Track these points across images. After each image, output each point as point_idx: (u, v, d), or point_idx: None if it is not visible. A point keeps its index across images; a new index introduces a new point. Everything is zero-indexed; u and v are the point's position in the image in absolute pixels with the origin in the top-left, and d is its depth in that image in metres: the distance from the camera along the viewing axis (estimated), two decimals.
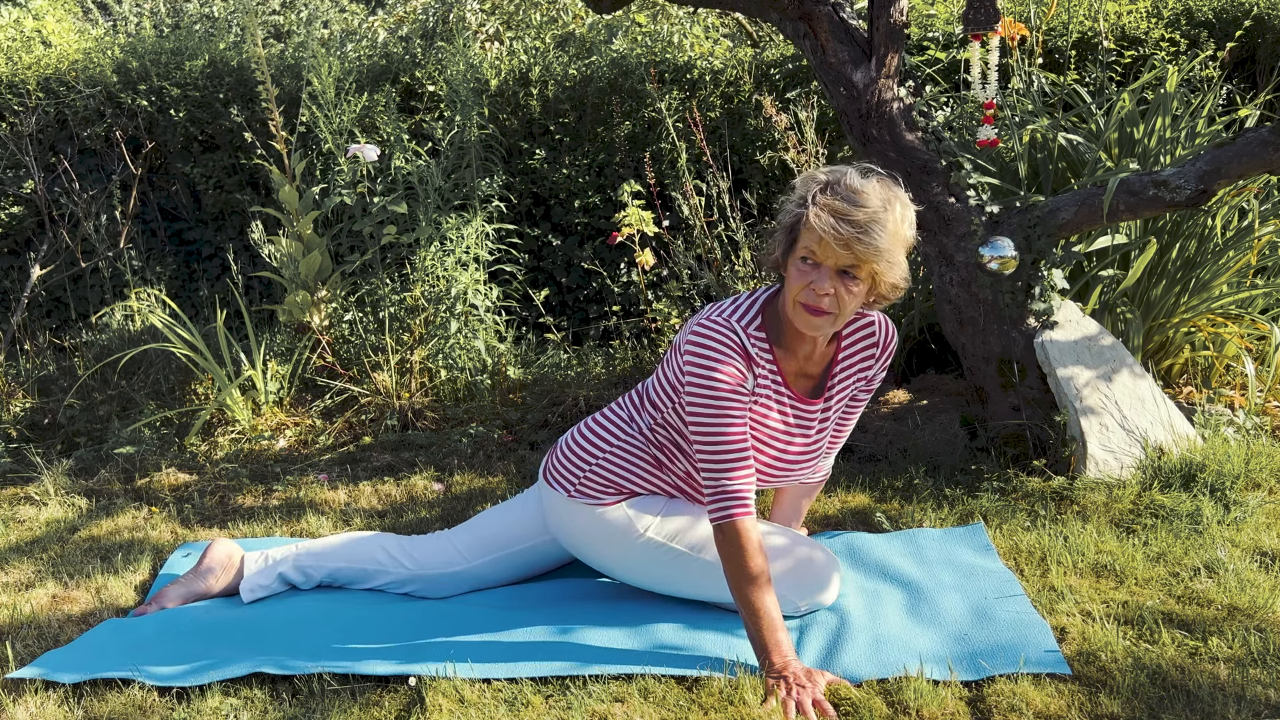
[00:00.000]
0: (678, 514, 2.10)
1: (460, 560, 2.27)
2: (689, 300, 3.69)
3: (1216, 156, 2.58)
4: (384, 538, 2.36)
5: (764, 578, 1.86)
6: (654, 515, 2.09)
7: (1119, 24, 3.86)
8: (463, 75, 3.77)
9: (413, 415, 3.50)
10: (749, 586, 1.86)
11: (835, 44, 2.83)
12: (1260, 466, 2.64)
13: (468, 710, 1.81)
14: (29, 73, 4.28)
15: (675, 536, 2.08)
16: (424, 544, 2.32)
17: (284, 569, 2.31)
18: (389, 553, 2.30)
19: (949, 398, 3.33)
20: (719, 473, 1.90)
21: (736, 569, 1.87)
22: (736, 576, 1.87)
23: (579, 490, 2.12)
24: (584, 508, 2.11)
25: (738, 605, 1.89)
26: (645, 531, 2.08)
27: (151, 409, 3.58)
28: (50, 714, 1.87)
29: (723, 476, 1.90)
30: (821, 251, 1.85)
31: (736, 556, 1.87)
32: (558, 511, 2.17)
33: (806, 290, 1.88)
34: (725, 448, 1.90)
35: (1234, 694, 1.76)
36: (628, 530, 2.08)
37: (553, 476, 2.17)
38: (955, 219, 2.83)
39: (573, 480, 2.13)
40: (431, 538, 2.34)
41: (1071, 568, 2.25)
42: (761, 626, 1.85)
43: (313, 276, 3.70)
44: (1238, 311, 3.18)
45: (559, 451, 2.20)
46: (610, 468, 2.11)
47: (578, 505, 2.12)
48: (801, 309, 1.90)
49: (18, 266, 4.34)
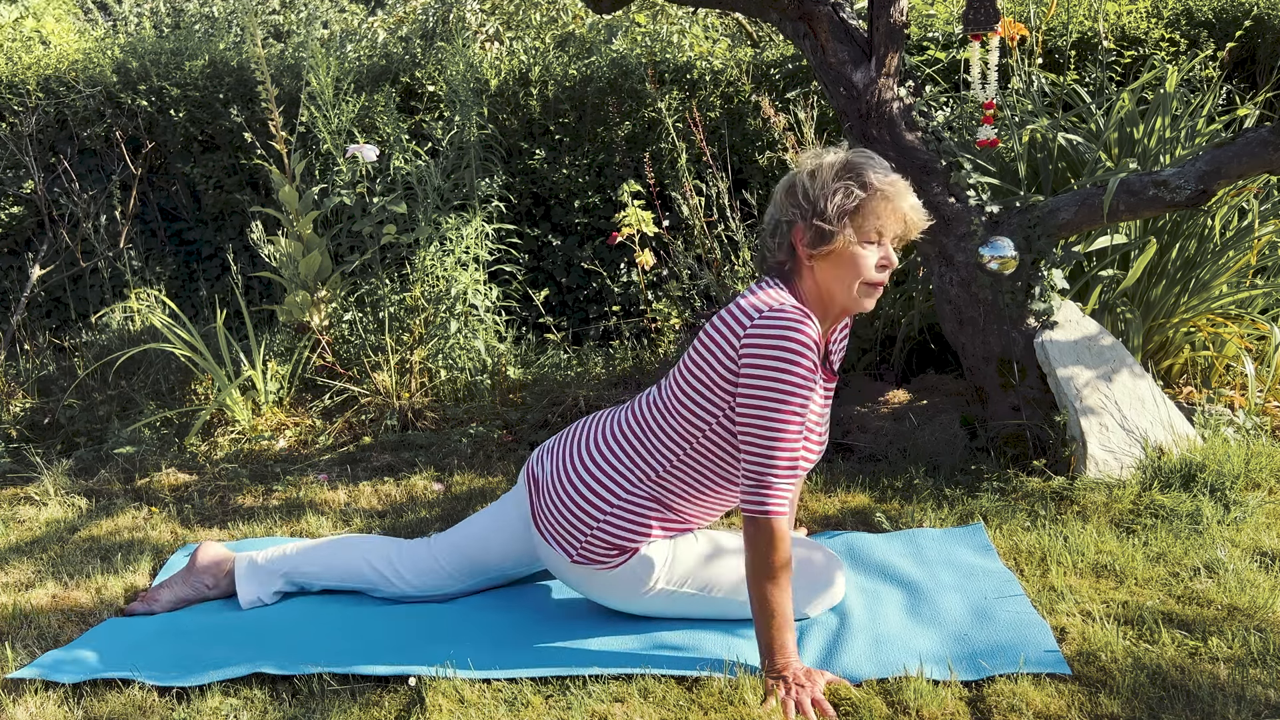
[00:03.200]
0: (685, 555, 2.04)
1: (452, 583, 2.24)
2: (689, 300, 3.69)
3: (1216, 156, 2.58)
4: (371, 550, 2.28)
5: (786, 578, 1.85)
6: (661, 565, 2.02)
7: (1119, 24, 3.86)
8: (462, 75, 3.77)
9: (413, 415, 3.50)
10: (770, 584, 1.84)
11: (835, 44, 2.83)
12: (1260, 466, 2.64)
13: (468, 710, 1.81)
14: (29, 73, 4.28)
15: (685, 581, 2.04)
16: (412, 562, 2.25)
17: (278, 586, 2.29)
18: (378, 571, 2.25)
19: (949, 398, 3.33)
20: (769, 468, 1.85)
21: (763, 565, 1.84)
22: (760, 573, 1.84)
23: (581, 556, 2.02)
24: (588, 570, 2.04)
25: (753, 601, 1.86)
26: (655, 584, 2.03)
27: (151, 409, 3.58)
28: (50, 714, 1.87)
29: (770, 473, 1.84)
30: (892, 227, 1.91)
31: (765, 553, 1.83)
32: (559, 568, 2.09)
33: (879, 269, 1.93)
34: (784, 442, 1.85)
35: (1234, 694, 1.76)
36: (636, 584, 2.03)
37: (549, 534, 2.06)
38: (955, 219, 2.83)
39: (573, 545, 2.03)
40: (420, 553, 2.26)
41: (1071, 568, 2.25)
42: (773, 625, 1.84)
43: (312, 276, 3.70)
44: (1238, 311, 3.18)
45: (553, 505, 2.06)
46: (612, 529, 2.00)
47: (580, 568, 2.05)
48: (867, 288, 1.94)
49: (18, 266, 4.34)
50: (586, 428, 2.14)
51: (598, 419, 2.15)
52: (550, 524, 2.06)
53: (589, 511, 2.02)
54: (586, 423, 2.16)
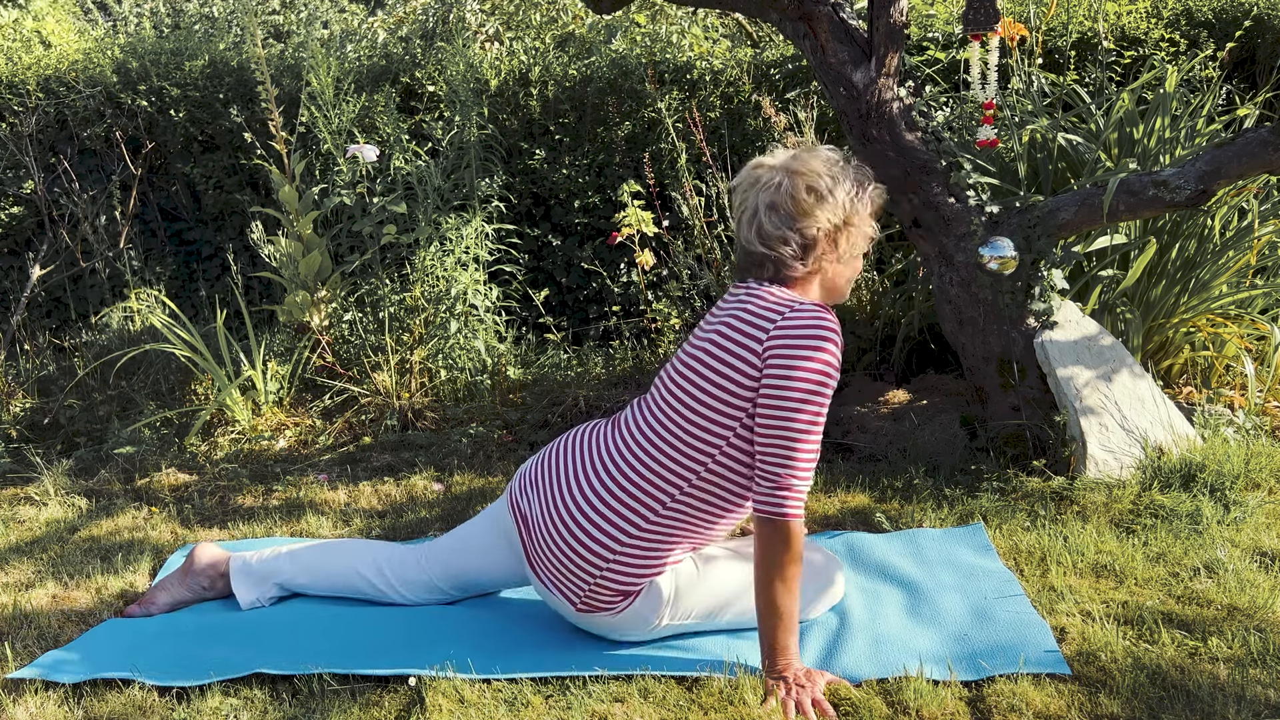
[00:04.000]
0: (689, 589, 1.99)
1: (444, 596, 2.23)
2: (689, 300, 3.69)
3: (1216, 157, 2.58)
4: (361, 561, 2.26)
5: (797, 580, 1.83)
6: (665, 601, 1.96)
7: (1119, 24, 3.86)
8: (462, 75, 3.77)
9: (413, 415, 3.50)
10: (780, 586, 1.81)
11: (835, 44, 2.83)
12: (1260, 466, 2.64)
13: (468, 710, 1.81)
14: (29, 73, 4.28)
15: (690, 614, 2.00)
16: (404, 575, 2.23)
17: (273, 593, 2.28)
18: (370, 581, 2.24)
19: (949, 398, 3.33)
20: (790, 468, 1.81)
21: (775, 567, 1.81)
22: (770, 574, 1.81)
23: (585, 605, 1.96)
24: (591, 615, 1.98)
25: (761, 602, 1.84)
26: (660, 622, 1.99)
27: (151, 409, 3.58)
28: (50, 714, 1.87)
29: (792, 473, 1.81)
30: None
31: (780, 555, 1.81)
32: (560, 611, 2.04)
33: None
34: (809, 440, 1.82)
35: (1234, 694, 1.76)
36: (641, 624, 1.99)
37: (549, 581, 1.99)
38: (955, 219, 2.83)
39: (575, 595, 1.96)
40: (411, 568, 2.23)
41: (1071, 568, 2.25)
42: (779, 627, 1.83)
43: (312, 276, 3.71)
44: (1237, 311, 3.18)
45: (550, 553, 1.97)
46: (617, 575, 1.93)
47: (585, 615, 1.99)
48: (850, 285, 2.03)
49: (18, 266, 4.34)
50: (570, 456, 2.04)
51: (578, 444, 2.05)
52: (549, 572, 1.99)
53: (590, 561, 1.93)
54: (569, 450, 2.05)
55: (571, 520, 1.95)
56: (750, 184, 1.95)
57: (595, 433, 2.05)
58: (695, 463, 1.90)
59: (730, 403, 1.86)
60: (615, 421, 2.04)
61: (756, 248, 1.93)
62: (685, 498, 1.91)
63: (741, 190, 1.97)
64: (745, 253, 1.95)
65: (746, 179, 1.97)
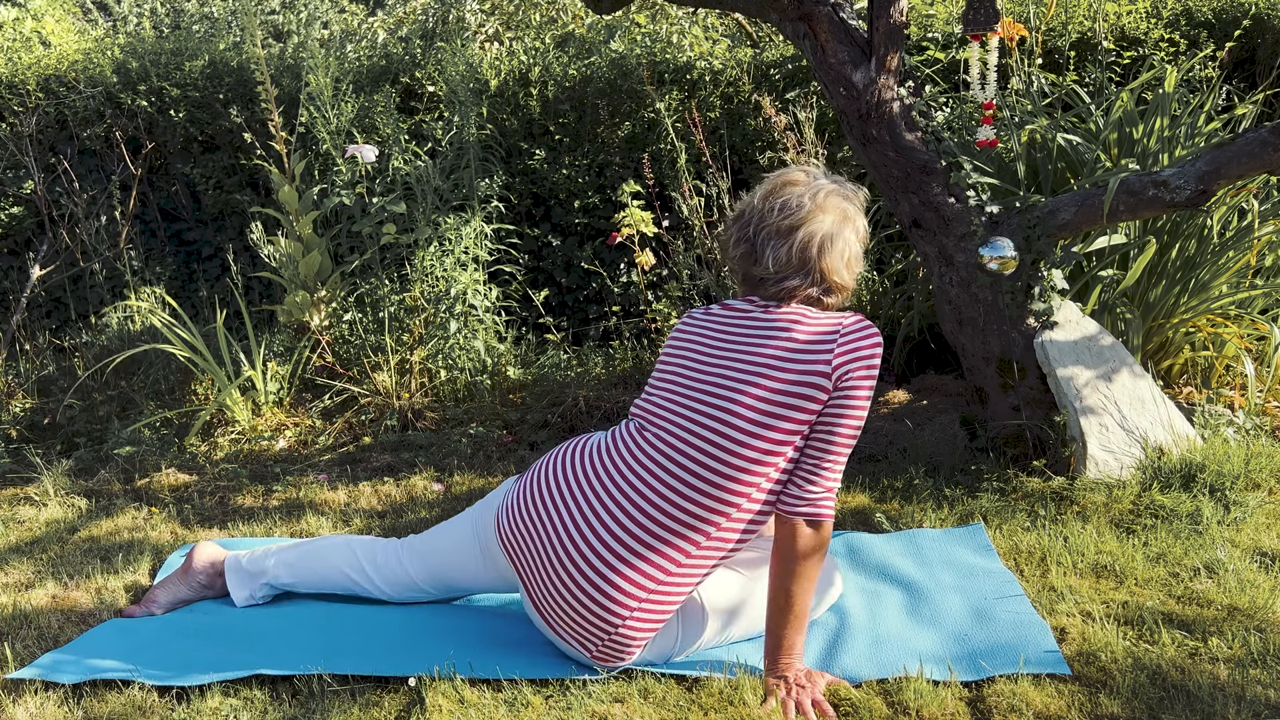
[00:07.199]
0: (697, 623, 1.94)
1: (428, 596, 2.23)
2: (689, 300, 3.69)
3: (1216, 157, 2.58)
4: (345, 560, 2.24)
5: (815, 579, 1.83)
6: (673, 640, 1.93)
7: (1118, 24, 3.86)
8: (462, 76, 3.77)
9: (413, 415, 3.50)
10: (800, 585, 1.80)
11: (835, 44, 2.83)
12: (1260, 467, 2.64)
13: (468, 710, 1.81)
14: (29, 73, 4.28)
15: (699, 644, 1.98)
16: (387, 575, 2.21)
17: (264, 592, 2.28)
18: (354, 580, 2.23)
19: (949, 398, 3.33)
20: (831, 471, 1.80)
21: (799, 566, 1.79)
22: (792, 572, 1.79)
23: (601, 654, 1.88)
24: (606, 663, 1.91)
25: (778, 600, 1.81)
26: (673, 655, 1.96)
27: (151, 409, 3.58)
28: (50, 714, 1.87)
29: (831, 476, 1.81)
30: None
31: (806, 555, 1.79)
32: (569, 654, 1.96)
33: None
34: (852, 445, 1.83)
35: (1234, 694, 1.76)
36: (657, 657, 1.95)
37: (561, 631, 1.90)
38: (955, 219, 2.83)
39: (590, 646, 1.88)
40: (394, 567, 2.20)
41: (1071, 568, 2.25)
42: (790, 626, 1.82)
43: (312, 276, 3.71)
44: (1237, 312, 3.18)
45: (562, 606, 1.86)
46: (636, 626, 1.84)
47: (599, 662, 1.91)
48: None
49: (18, 267, 4.34)
50: (569, 489, 1.89)
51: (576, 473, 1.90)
52: (556, 620, 1.89)
53: (609, 615, 1.82)
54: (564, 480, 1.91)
55: (580, 574, 1.84)
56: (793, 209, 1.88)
57: (593, 460, 1.91)
58: (737, 495, 1.80)
59: (791, 430, 1.79)
60: (616, 448, 1.90)
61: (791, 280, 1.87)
62: (723, 533, 1.82)
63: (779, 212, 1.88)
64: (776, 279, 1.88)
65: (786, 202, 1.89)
